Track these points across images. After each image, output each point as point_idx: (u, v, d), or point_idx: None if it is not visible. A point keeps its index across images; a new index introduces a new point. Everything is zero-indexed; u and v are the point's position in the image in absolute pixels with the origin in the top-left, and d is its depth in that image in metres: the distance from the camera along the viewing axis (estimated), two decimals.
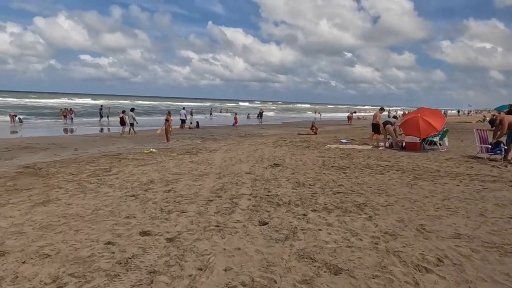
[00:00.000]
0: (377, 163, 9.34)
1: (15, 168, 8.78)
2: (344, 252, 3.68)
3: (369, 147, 13.01)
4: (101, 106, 35.28)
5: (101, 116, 30.68)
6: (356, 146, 13.27)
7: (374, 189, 6.45)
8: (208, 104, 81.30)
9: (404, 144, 12.21)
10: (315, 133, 20.49)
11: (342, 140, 15.26)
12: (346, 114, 43.23)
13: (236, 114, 33.07)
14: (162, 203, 5.56)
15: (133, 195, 6.05)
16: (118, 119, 21.65)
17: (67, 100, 66.78)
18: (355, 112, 43.38)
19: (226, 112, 54.72)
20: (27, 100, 64.44)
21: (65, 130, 23.21)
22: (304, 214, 4.96)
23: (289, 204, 5.49)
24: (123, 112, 21.27)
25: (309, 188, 6.57)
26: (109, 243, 3.97)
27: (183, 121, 25.51)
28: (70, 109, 33.69)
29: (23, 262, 3.50)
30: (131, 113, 21.09)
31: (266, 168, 8.65)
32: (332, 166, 8.84)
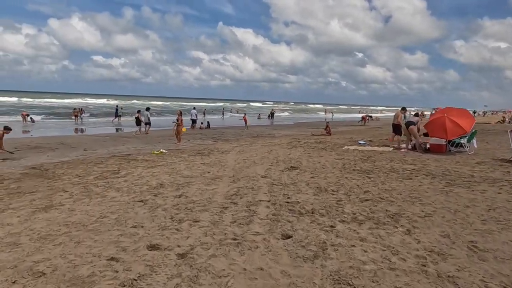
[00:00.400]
0: (402, 166, 8.68)
1: (21, 169, 8.43)
2: (387, 276, 3.10)
3: (390, 149, 12.31)
4: (117, 106, 35.36)
5: (117, 115, 30.69)
6: (376, 148, 12.58)
7: (406, 196, 5.82)
8: (220, 104, 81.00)
9: (428, 146, 11.48)
10: (330, 134, 19.83)
11: (360, 142, 14.57)
12: (359, 115, 42.26)
13: (245, 114, 32.64)
14: (173, 210, 5.06)
15: (142, 201, 5.58)
16: (132, 119, 21.46)
17: (81, 100, 67.19)
18: (370, 117, 41.99)
19: (237, 112, 54.33)
20: (39, 100, 65.09)
21: (76, 130, 23.06)
22: (331, 226, 4.39)
23: (312, 213, 4.93)
24: (138, 111, 21.03)
25: (333, 194, 5.99)
26: (112, 258, 3.48)
27: (193, 121, 25.23)
28: (81, 108, 33.71)
29: (13, 282, 3.03)
30: (147, 112, 20.90)
31: (282, 171, 8.09)
32: (353, 170, 8.22)
